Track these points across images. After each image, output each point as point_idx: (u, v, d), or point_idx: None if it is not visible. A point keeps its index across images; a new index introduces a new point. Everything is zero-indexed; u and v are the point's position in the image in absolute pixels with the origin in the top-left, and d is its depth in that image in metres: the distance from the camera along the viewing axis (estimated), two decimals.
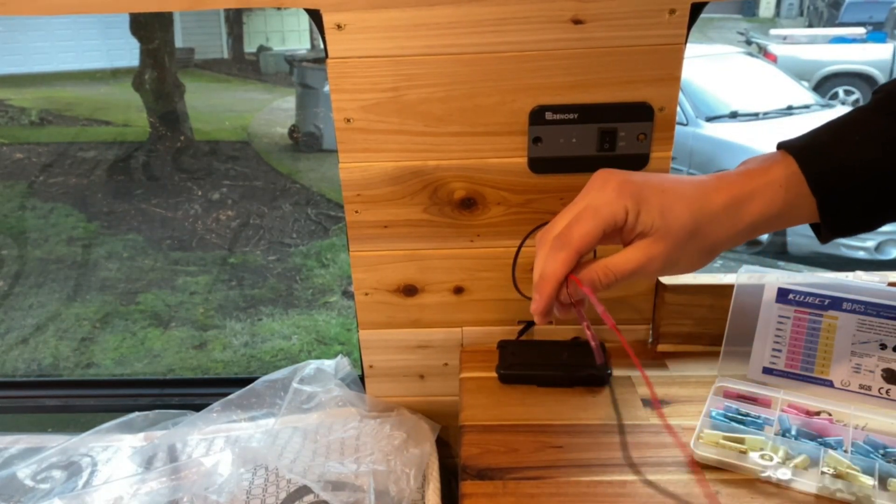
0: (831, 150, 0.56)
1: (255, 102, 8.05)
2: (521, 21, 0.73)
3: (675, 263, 0.55)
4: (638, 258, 0.54)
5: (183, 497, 0.81)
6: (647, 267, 0.55)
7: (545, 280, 0.56)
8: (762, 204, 0.55)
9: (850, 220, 0.57)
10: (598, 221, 0.54)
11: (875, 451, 0.66)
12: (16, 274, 4.09)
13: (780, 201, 0.55)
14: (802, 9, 13.63)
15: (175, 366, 3.22)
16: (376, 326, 0.91)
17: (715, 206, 0.55)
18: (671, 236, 0.54)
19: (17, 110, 7.64)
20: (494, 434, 0.73)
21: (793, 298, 0.75)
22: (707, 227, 0.54)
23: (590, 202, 0.56)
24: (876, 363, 0.72)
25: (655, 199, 0.54)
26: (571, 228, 0.55)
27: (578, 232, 0.55)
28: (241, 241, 4.46)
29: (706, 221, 0.54)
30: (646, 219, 0.54)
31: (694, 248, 0.55)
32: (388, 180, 0.81)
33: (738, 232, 0.55)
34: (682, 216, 0.54)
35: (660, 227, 0.53)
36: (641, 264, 0.55)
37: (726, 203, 0.55)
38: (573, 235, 0.55)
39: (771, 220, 0.55)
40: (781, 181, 0.55)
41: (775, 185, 0.55)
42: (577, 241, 0.55)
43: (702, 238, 0.54)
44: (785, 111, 4.64)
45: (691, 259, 0.56)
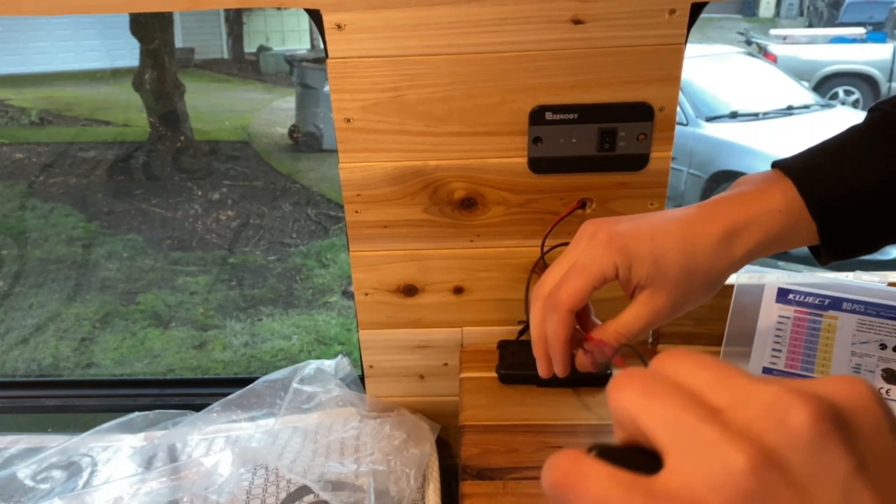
0: (830, 175, 0.55)
1: (255, 102, 8.05)
2: (521, 21, 0.73)
3: (682, 305, 0.55)
4: (644, 314, 0.55)
5: (183, 497, 0.81)
6: (655, 320, 0.55)
7: (553, 346, 0.57)
8: (760, 231, 0.54)
9: (850, 244, 0.56)
10: (586, 279, 0.54)
11: None
12: (16, 274, 4.09)
13: (778, 227, 0.54)
14: (802, 9, 13.63)
15: (175, 366, 3.22)
16: (376, 326, 0.91)
17: (710, 240, 0.54)
18: (669, 283, 0.53)
19: (17, 110, 7.64)
20: (494, 434, 0.73)
21: (793, 298, 0.75)
22: (705, 263, 0.54)
23: (578, 259, 0.56)
24: (876, 363, 0.72)
25: (645, 249, 0.53)
26: (560, 288, 0.55)
27: (567, 291, 0.55)
28: (241, 241, 4.46)
29: (702, 258, 0.53)
30: (639, 271, 0.53)
31: (696, 285, 0.54)
32: (388, 180, 0.81)
33: (737, 261, 0.55)
34: (677, 261, 0.53)
35: (655, 276, 0.53)
36: (649, 319, 0.55)
37: (721, 235, 0.54)
38: (562, 296, 0.55)
39: (769, 245, 0.55)
40: (781, 206, 0.54)
41: (774, 210, 0.54)
42: (567, 302, 0.55)
43: (702, 275, 0.54)
44: (785, 111, 4.65)
45: (696, 296, 0.56)
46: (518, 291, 0.87)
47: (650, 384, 0.25)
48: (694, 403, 0.24)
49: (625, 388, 0.26)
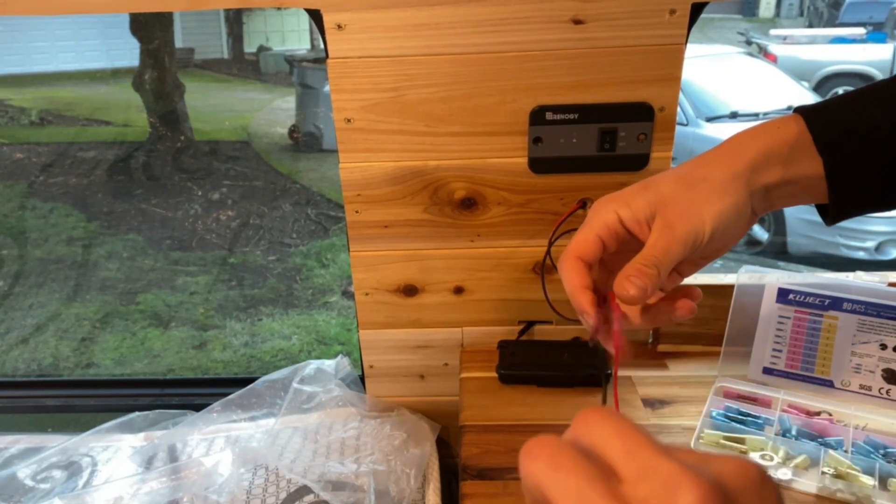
0: (840, 111, 0.54)
1: (255, 102, 8.04)
2: (521, 21, 0.73)
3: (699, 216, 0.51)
4: (661, 234, 0.51)
5: (183, 497, 0.81)
6: (675, 237, 0.51)
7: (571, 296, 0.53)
8: (763, 142, 0.53)
9: (859, 190, 0.53)
10: (589, 228, 0.54)
11: (875, 451, 0.66)
12: (16, 274, 4.09)
13: (781, 141, 0.53)
14: (802, 9, 13.63)
15: (175, 366, 3.22)
16: (376, 326, 0.91)
17: (706, 157, 0.54)
18: (669, 198, 0.52)
19: (17, 110, 7.64)
20: (494, 434, 0.73)
21: (793, 298, 0.75)
22: (699, 173, 0.52)
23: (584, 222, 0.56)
24: (876, 363, 0.72)
25: (637, 187, 0.54)
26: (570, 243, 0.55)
27: (574, 241, 0.54)
28: (241, 241, 4.46)
29: (699, 168, 0.53)
30: (638, 203, 0.52)
31: (701, 193, 0.51)
32: (388, 180, 0.81)
33: (745, 170, 0.52)
34: (668, 179, 0.53)
35: (654, 200, 0.52)
36: (667, 237, 0.51)
37: (720, 150, 0.53)
38: (569, 247, 0.54)
39: (776, 158, 0.52)
40: (787, 128, 0.53)
41: (774, 128, 0.53)
42: (572, 248, 0.54)
43: (701, 184, 0.52)
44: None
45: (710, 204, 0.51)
46: (518, 291, 0.87)
47: (558, 454, 0.26)
48: (598, 478, 0.25)
49: (535, 458, 0.27)
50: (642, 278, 0.50)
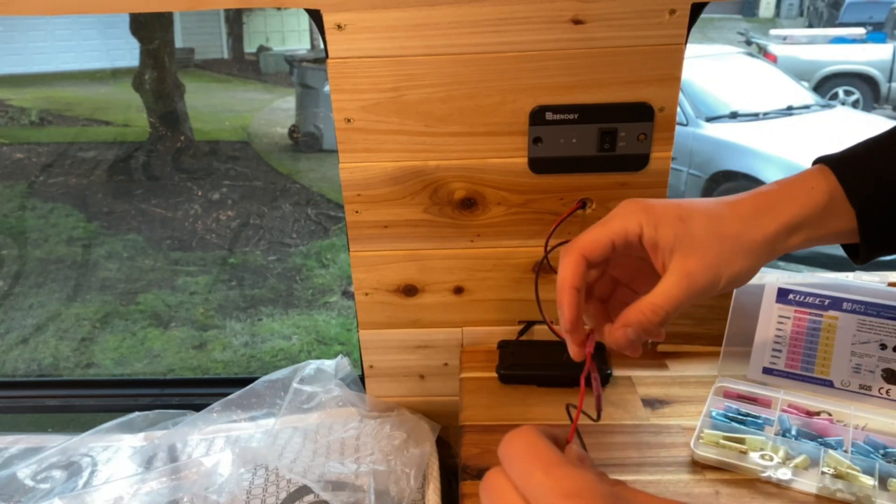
0: (871, 163, 0.54)
1: (255, 102, 8.04)
2: (521, 21, 0.73)
3: (717, 275, 0.51)
4: (678, 281, 0.50)
5: (183, 497, 0.81)
6: (691, 288, 0.51)
7: (560, 291, 0.52)
8: (796, 205, 0.52)
9: (890, 237, 0.54)
10: (606, 230, 0.52)
11: (875, 451, 0.66)
12: (16, 274, 4.09)
13: (812, 204, 0.52)
14: (802, 9, 13.63)
15: (175, 366, 3.22)
16: (376, 326, 0.91)
17: (739, 210, 0.52)
18: (697, 244, 0.51)
19: (17, 110, 7.64)
20: (494, 434, 0.73)
21: (793, 298, 0.75)
22: (734, 229, 0.51)
23: (604, 219, 0.54)
24: (876, 363, 0.72)
25: (670, 211, 0.52)
26: (579, 237, 0.53)
27: (584, 238, 0.52)
28: (241, 241, 4.46)
29: (730, 223, 0.52)
30: (665, 231, 0.51)
31: (728, 251, 0.51)
32: (388, 180, 0.81)
33: (775, 233, 0.52)
34: (702, 221, 0.51)
35: (682, 236, 0.51)
36: (685, 286, 0.50)
37: (755, 206, 0.52)
38: (579, 241, 0.52)
39: (809, 223, 0.53)
40: (814, 184, 0.53)
41: (807, 187, 0.53)
42: (581, 245, 0.52)
43: (732, 240, 0.51)
44: (785, 111, 4.64)
45: (732, 264, 0.51)
46: (518, 291, 0.87)
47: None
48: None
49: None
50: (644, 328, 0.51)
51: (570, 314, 0.52)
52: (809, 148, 4.03)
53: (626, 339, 0.52)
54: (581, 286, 0.52)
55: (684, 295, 0.51)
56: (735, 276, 0.52)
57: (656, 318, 0.51)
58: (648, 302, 0.51)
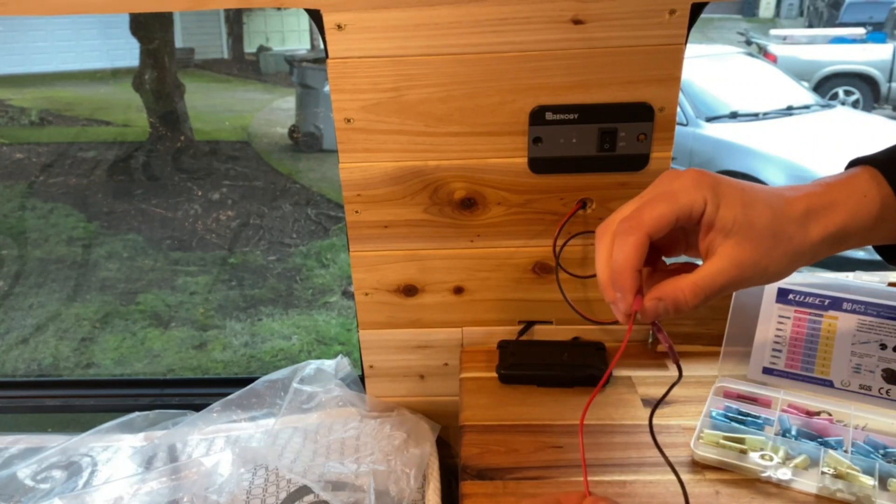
0: None
1: (255, 102, 8.04)
2: (521, 21, 0.73)
3: (763, 270, 0.50)
4: (726, 268, 0.49)
5: (183, 497, 0.81)
6: (737, 277, 0.49)
7: (621, 274, 0.49)
8: (845, 213, 0.51)
9: None
10: (673, 206, 0.48)
11: (875, 451, 0.66)
12: (16, 274, 4.09)
13: (863, 213, 0.51)
14: (802, 9, 13.63)
15: (175, 366, 3.22)
16: (376, 326, 0.91)
17: (795, 211, 0.50)
18: (755, 235, 0.49)
19: (17, 110, 7.64)
20: (494, 434, 0.73)
21: (793, 298, 0.75)
22: (790, 230, 0.50)
23: (664, 189, 0.50)
24: (876, 363, 0.72)
25: (735, 193, 0.49)
26: (642, 211, 0.49)
27: (650, 214, 0.48)
28: (241, 241, 4.46)
29: (788, 223, 0.50)
30: (726, 213, 0.48)
31: (780, 250, 0.50)
32: (388, 180, 0.81)
33: (821, 240, 0.51)
34: (765, 213, 0.49)
35: (742, 223, 0.48)
36: (731, 275, 0.49)
37: (805, 209, 0.50)
38: (644, 217, 0.48)
39: (856, 231, 0.51)
40: (866, 191, 0.51)
41: (859, 194, 0.51)
42: (649, 223, 0.48)
43: (786, 242, 0.50)
44: (785, 111, 4.64)
45: (778, 265, 0.50)
46: (518, 291, 0.87)
47: None
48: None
49: None
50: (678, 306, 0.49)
51: (631, 297, 0.49)
52: (809, 148, 4.03)
53: (655, 311, 0.50)
54: (642, 266, 0.49)
55: (729, 283, 0.49)
56: (775, 277, 0.51)
57: (695, 299, 0.49)
58: (690, 282, 0.49)
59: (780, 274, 0.51)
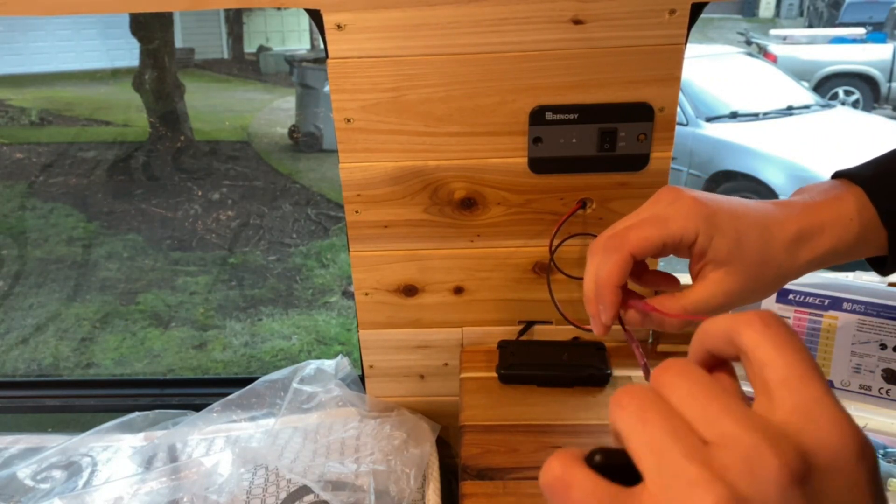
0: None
1: (255, 102, 8.05)
2: (521, 21, 0.73)
3: (750, 295, 0.52)
4: (716, 294, 0.50)
5: (183, 497, 0.81)
6: (724, 303, 0.51)
7: (601, 289, 0.50)
8: (832, 238, 0.52)
9: None
10: (662, 231, 0.49)
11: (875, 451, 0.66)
12: (16, 274, 4.09)
13: (849, 236, 0.52)
14: (802, 9, 13.63)
15: (175, 366, 3.22)
16: (376, 326, 0.91)
17: (785, 236, 0.51)
18: (746, 266, 0.50)
19: (17, 110, 7.64)
20: (494, 434, 0.73)
21: (793, 298, 0.75)
22: (779, 258, 0.51)
23: (659, 212, 0.51)
24: (876, 363, 0.72)
25: (730, 225, 0.50)
26: (629, 231, 0.50)
27: (637, 235, 0.50)
28: (241, 241, 4.46)
29: (778, 251, 0.51)
30: (720, 245, 0.49)
31: (768, 276, 0.51)
32: (388, 180, 0.81)
33: (803, 265, 0.52)
34: (756, 245, 0.50)
35: (735, 256, 0.50)
36: (719, 301, 0.51)
37: (795, 235, 0.51)
38: (629, 237, 0.50)
39: (838, 255, 0.53)
40: (853, 214, 0.52)
41: (846, 218, 0.52)
42: (633, 244, 0.49)
43: (775, 267, 0.51)
44: (785, 111, 4.64)
45: (765, 289, 0.52)
46: (518, 291, 0.87)
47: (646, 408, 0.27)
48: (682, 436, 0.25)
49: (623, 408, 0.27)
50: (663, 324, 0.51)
51: (613, 312, 0.51)
52: (809, 148, 4.04)
53: (641, 324, 0.52)
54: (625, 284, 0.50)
55: (716, 309, 0.51)
56: (760, 298, 0.53)
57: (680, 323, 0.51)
58: (680, 306, 0.51)
59: (767, 294, 0.53)
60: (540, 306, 0.88)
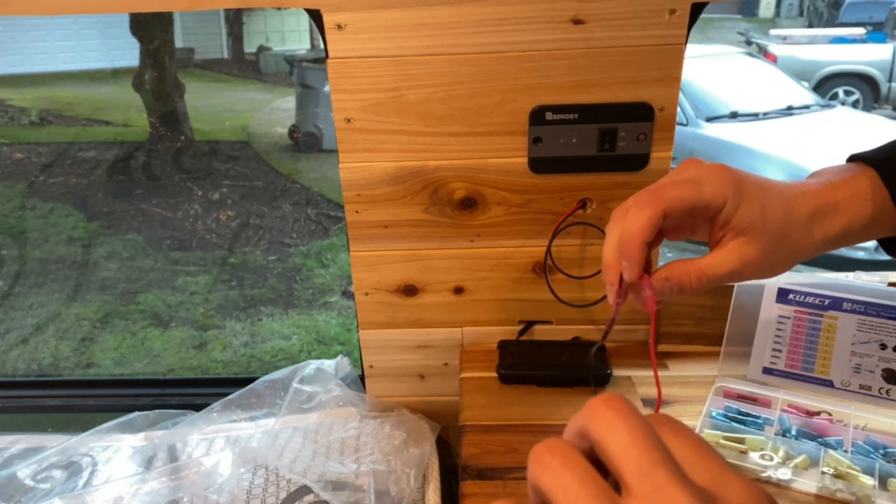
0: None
1: (255, 102, 8.04)
2: (521, 21, 0.73)
3: (766, 267, 0.52)
4: (733, 260, 0.51)
5: (183, 497, 0.81)
6: (741, 271, 0.51)
7: (630, 244, 0.49)
8: (847, 217, 0.53)
9: None
10: (696, 193, 0.49)
11: (875, 451, 0.66)
12: (16, 274, 4.09)
13: (863, 216, 0.53)
14: (802, 9, 13.63)
15: (175, 366, 3.22)
16: (376, 326, 0.91)
17: (803, 212, 0.52)
18: (767, 237, 0.50)
19: (17, 110, 7.64)
20: (494, 434, 0.73)
21: (793, 298, 0.75)
22: (795, 233, 0.52)
23: (691, 175, 0.50)
24: (876, 363, 0.72)
25: (756, 195, 0.50)
26: (664, 187, 0.49)
27: (672, 193, 0.49)
28: (241, 241, 4.46)
29: (796, 226, 0.52)
30: (745, 214, 0.50)
31: (784, 252, 0.52)
32: (388, 180, 0.81)
33: (822, 241, 0.53)
34: (779, 218, 0.51)
35: (758, 225, 0.50)
36: (736, 268, 0.51)
37: (812, 211, 0.52)
38: (665, 193, 0.49)
39: (854, 234, 0.53)
40: (867, 195, 0.53)
41: (860, 199, 0.53)
42: (669, 200, 0.49)
43: (790, 243, 0.52)
44: (785, 111, 4.64)
45: (780, 264, 0.53)
46: (518, 291, 0.87)
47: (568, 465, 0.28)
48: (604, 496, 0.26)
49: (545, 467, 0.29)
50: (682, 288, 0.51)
51: (637, 269, 0.50)
52: (809, 148, 4.03)
53: (661, 289, 0.52)
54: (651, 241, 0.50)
55: (732, 275, 0.51)
56: (774, 273, 0.53)
57: (699, 284, 0.51)
58: (697, 267, 0.51)
59: (779, 270, 0.54)
60: (540, 306, 0.88)
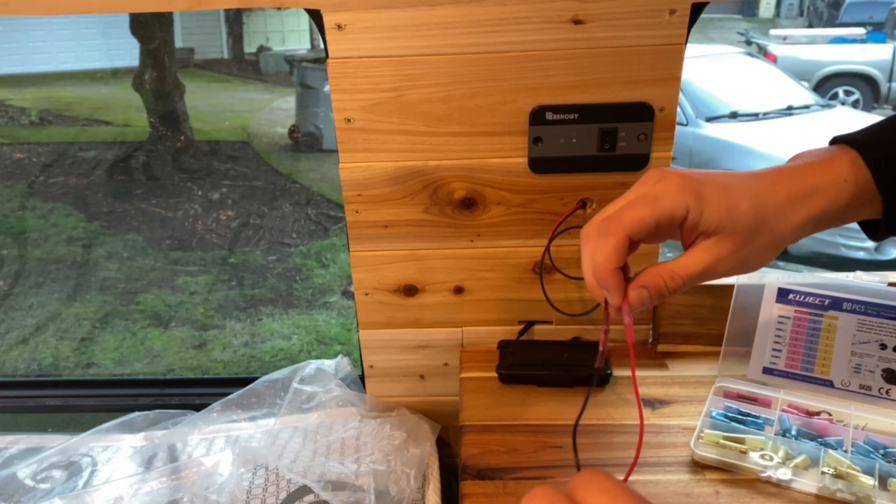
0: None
1: (255, 102, 8.04)
2: (521, 21, 0.73)
3: (744, 261, 0.52)
4: (705, 260, 0.51)
5: (183, 497, 0.81)
6: (715, 268, 0.51)
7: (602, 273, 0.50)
8: (827, 199, 0.52)
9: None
10: (654, 210, 0.50)
11: (875, 451, 0.66)
12: (16, 274, 4.09)
13: (843, 197, 0.52)
14: (802, 9, 13.63)
15: (175, 366, 3.22)
16: (376, 326, 0.91)
17: (778, 199, 0.52)
18: (738, 234, 0.51)
19: (17, 110, 7.64)
20: (494, 434, 0.73)
21: (793, 298, 0.75)
22: (772, 221, 0.52)
23: (647, 191, 0.51)
24: (876, 363, 0.72)
25: (719, 196, 0.50)
26: (623, 212, 0.50)
27: (631, 216, 0.50)
28: (241, 241, 4.46)
29: (771, 214, 0.51)
30: (711, 217, 0.50)
31: (761, 243, 0.52)
32: (388, 180, 0.81)
33: (802, 225, 0.52)
34: (748, 213, 0.51)
35: (726, 225, 0.50)
36: (709, 266, 0.51)
37: (789, 196, 0.52)
38: (624, 219, 0.50)
39: (835, 215, 0.53)
40: (847, 176, 0.52)
41: (839, 180, 0.52)
42: (629, 225, 0.50)
43: (767, 232, 0.52)
44: (785, 111, 4.64)
45: (759, 255, 0.52)
46: (518, 291, 0.87)
47: None
48: None
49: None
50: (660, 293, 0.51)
51: (619, 293, 0.51)
52: (809, 148, 4.03)
53: (640, 300, 0.52)
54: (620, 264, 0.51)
55: (707, 273, 0.51)
56: (757, 265, 0.53)
57: (673, 284, 0.51)
58: (668, 269, 0.51)
59: (764, 260, 0.53)
60: (540, 306, 0.88)
